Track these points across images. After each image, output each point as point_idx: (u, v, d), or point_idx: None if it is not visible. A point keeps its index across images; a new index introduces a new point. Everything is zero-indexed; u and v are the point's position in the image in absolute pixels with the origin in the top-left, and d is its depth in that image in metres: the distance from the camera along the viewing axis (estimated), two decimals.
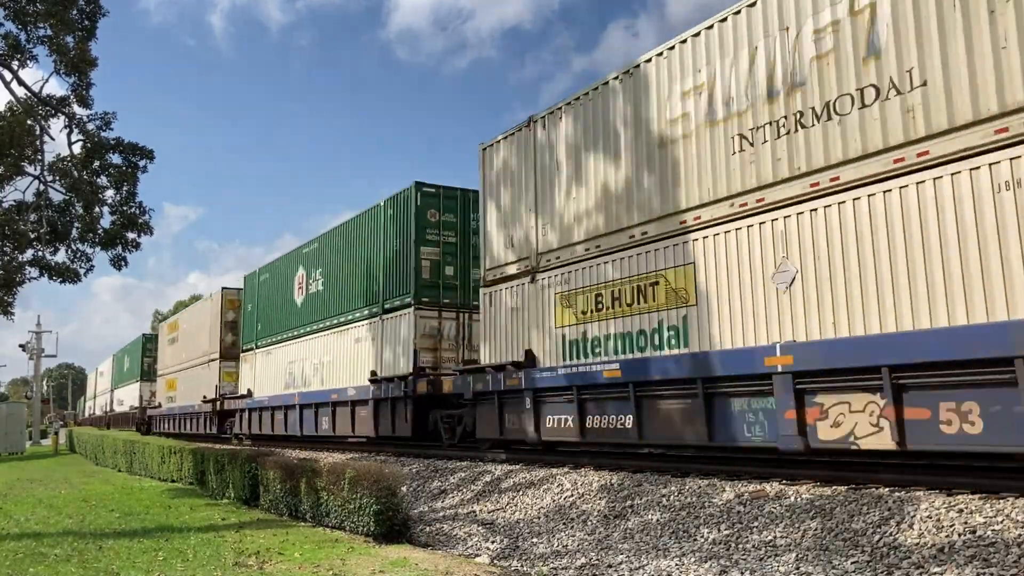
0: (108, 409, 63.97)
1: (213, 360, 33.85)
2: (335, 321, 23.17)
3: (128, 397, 54.36)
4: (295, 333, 25.88)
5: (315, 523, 12.09)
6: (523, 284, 14.87)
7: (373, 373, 20.06)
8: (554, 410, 13.69)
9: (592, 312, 13.12)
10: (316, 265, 25.19)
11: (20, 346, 63.61)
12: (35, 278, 17.36)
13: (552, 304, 14.03)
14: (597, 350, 12.90)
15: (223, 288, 34.42)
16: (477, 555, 10.00)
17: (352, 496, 11.08)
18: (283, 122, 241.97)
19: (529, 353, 14.35)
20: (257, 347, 29.27)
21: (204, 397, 33.65)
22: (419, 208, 19.35)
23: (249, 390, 28.93)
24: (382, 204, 20.84)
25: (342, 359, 22.54)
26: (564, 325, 13.70)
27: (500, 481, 13.37)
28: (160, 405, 43.15)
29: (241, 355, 30.99)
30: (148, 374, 49.56)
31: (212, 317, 34.90)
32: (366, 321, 21.24)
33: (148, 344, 51.62)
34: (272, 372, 27.37)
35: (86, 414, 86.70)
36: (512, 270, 15.26)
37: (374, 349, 20.70)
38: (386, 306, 20.22)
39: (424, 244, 19.25)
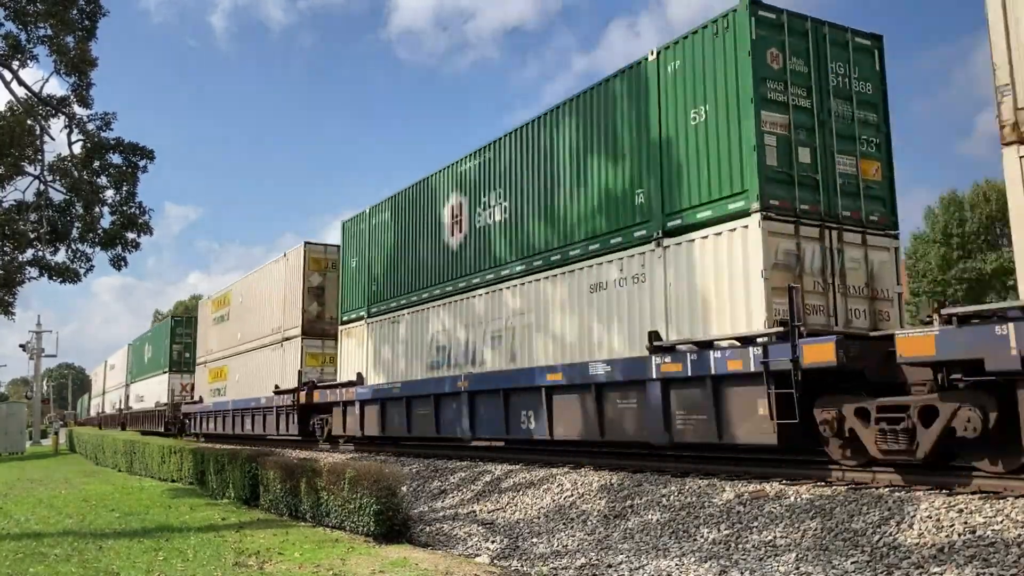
0: (123, 406, 55.13)
1: (291, 339, 25.76)
2: (540, 263, 14.90)
3: (151, 392, 46.12)
4: (448, 290, 17.80)
5: (315, 523, 12.09)
6: None
7: (654, 336, 12.01)
8: None
9: None
10: (487, 187, 16.84)
11: (20, 346, 63.63)
12: (35, 278, 17.37)
13: None
14: None
15: (306, 243, 26.03)
16: (477, 555, 10.01)
17: (352, 496, 11.08)
18: (284, 122, 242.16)
19: None
20: (370, 316, 21.38)
21: (276, 387, 25.72)
22: (756, 44, 11.40)
23: (359, 375, 21.28)
24: (650, 59, 12.94)
25: (560, 318, 14.29)
26: None
27: (500, 481, 13.37)
28: (200, 400, 35.24)
29: (341, 329, 23.01)
30: (180, 364, 42.17)
31: (289, 283, 26.50)
32: (622, 254, 13.10)
33: (179, 328, 43.25)
34: (401, 349, 19.59)
35: (92, 412, 76.66)
36: None
37: (644, 298, 12.64)
38: (670, 224, 12.33)
39: (766, 106, 11.34)
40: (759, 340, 10.49)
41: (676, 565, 8.22)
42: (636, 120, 13.25)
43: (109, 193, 17.10)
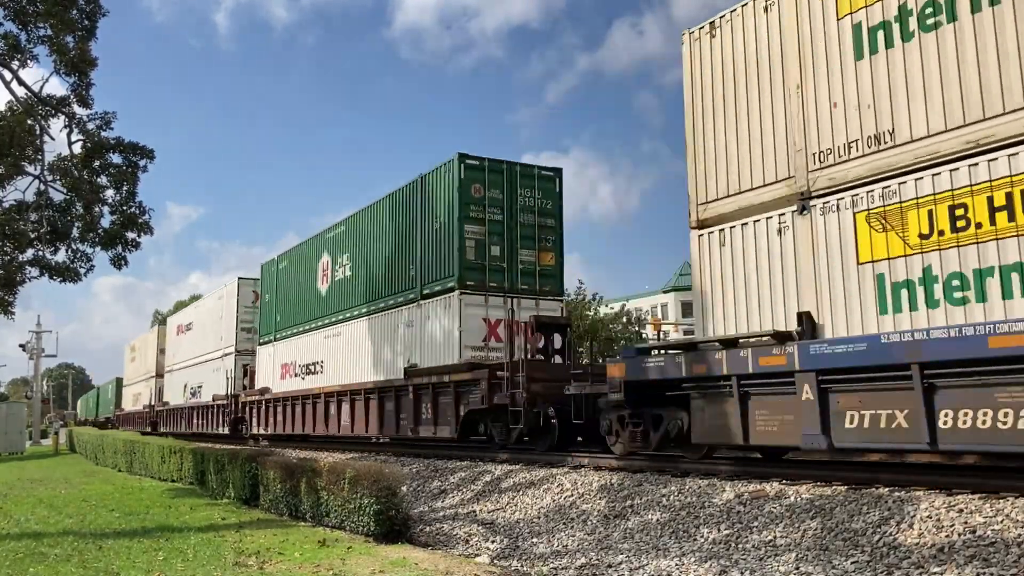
0: (231, 390, 30.90)
1: None
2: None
3: (353, 349, 21.57)
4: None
5: (315, 523, 12.09)
6: None
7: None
8: None
9: None
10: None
11: (20, 346, 63.47)
12: (35, 277, 17.39)
13: None
14: None
15: None
16: (477, 555, 10.01)
17: (352, 496, 11.09)
18: (287, 121, 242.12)
19: None
20: None
21: None
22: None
23: None
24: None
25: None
26: None
27: (500, 481, 13.37)
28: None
29: None
30: (485, 273, 17.28)
31: None
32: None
33: (475, 177, 17.38)
34: None
35: (128, 405, 54.44)
36: None
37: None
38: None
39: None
40: None
41: (676, 565, 8.22)
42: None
43: (109, 193, 17.14)
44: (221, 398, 31.21)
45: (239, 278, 31.98)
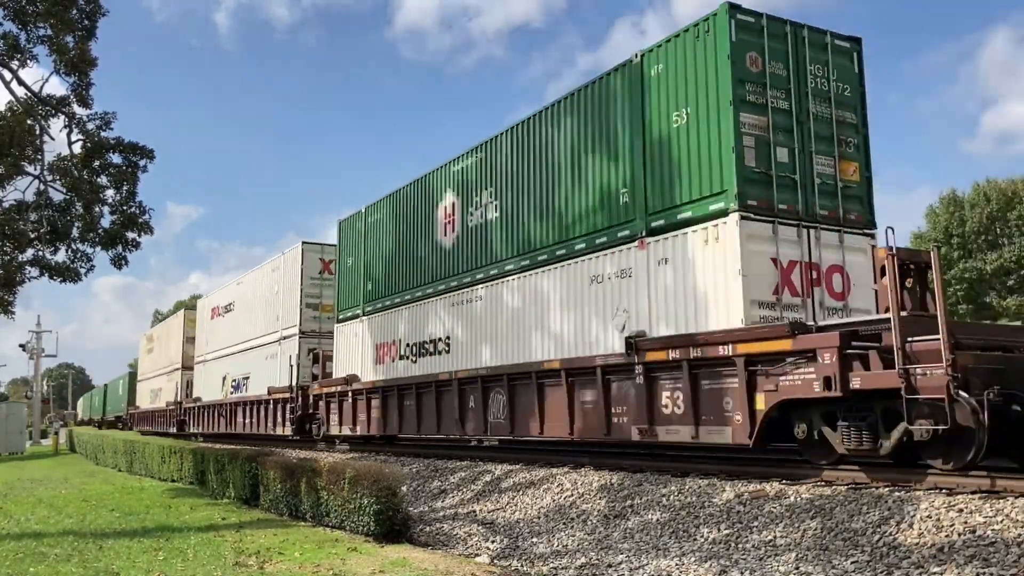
0: (296, 379, 23.90)
1: None
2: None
3: None
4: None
5: (315, 523, 12.10)
6: None
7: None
8: None
9: None
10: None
11: (20, 346, 63.36)
12: (35, 277, 17.36)
13: None
14: None
15: None
16: (477, 555, 10.01)
17: (352, 496, 11.09)
18: (287, 120, 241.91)
19: None
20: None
21: None
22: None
23: None
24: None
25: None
26: None
27: (500, 481, 13.37)
28: None
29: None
30: None
31: None
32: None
33: None
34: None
35: (144, 402, 46.70)
36: None
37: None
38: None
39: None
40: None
41: (676, 565, 8.22)
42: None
43: (109, 193, 17.11)
44: (280, 391, 24.71)
45: (303, 242, 25.99)
